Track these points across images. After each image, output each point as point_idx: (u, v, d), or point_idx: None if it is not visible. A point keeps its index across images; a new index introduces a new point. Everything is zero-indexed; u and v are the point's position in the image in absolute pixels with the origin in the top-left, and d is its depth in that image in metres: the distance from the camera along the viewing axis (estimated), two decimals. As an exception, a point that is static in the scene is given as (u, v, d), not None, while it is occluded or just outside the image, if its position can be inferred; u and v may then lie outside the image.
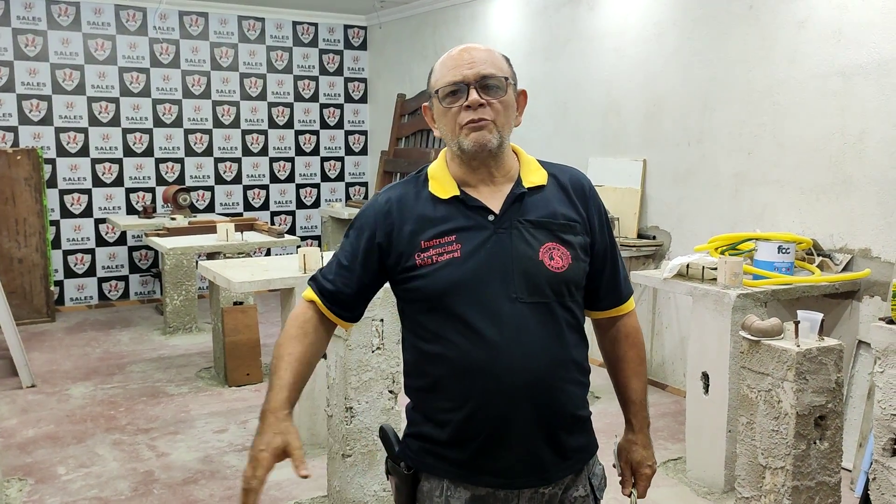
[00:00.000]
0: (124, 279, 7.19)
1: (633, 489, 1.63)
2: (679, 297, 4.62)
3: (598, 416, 1.83)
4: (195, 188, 7.38)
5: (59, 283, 6.89)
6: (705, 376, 3.41)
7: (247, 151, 7.61)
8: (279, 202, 7.86)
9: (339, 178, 8.18)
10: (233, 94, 7.46)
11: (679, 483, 3.51)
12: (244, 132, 7.57)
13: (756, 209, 4.16)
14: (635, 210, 4.89)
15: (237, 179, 7.60)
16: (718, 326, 3.32)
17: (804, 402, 2.57)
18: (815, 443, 2.62)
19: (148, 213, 6.68)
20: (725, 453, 3.33)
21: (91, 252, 7.02)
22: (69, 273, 6.95)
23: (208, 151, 7.42)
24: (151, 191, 7.20)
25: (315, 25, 7.83)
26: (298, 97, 7.81)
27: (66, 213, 6.87)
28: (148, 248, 7.17)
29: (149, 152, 7.14)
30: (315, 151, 7.99)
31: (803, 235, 3.84)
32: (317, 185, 8.05)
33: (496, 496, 1.44)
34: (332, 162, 8.11)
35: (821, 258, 3.73)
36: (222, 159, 7.50)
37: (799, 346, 2.58)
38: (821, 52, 3.78)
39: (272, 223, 7.75)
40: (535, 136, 5.78)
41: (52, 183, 6.77)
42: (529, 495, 1.45)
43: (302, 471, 1.33)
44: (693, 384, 3.49)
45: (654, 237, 4.82)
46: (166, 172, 7.24)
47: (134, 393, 4.71)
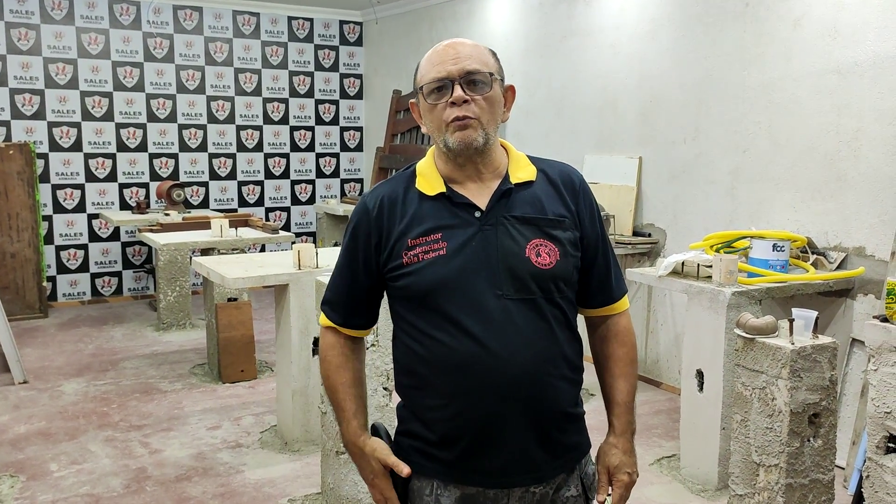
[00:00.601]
0: (117, 275, 7.17)
1: (608, 496, 1.52)
2: (674, 294, 4.62)
3: (590, 413, 1.82)
4: (189, 184, 7.35)
5: (52, 279, 6.86)
6: (700, 374, 3.41)
7: (241, 147, 7.58)
8: (274, 198, 7.84)
9: (335, 174, 8.16)
10: (227, 90, 7.43)
11: (673, 480, 3.51)
12: (239, 128, 7.54)
13: (751, 207, 4.16)
14: (631, 207, 4.89)
15: (232, 175, 7.58)
16: (713, 324, 3.32)
17: (798, 399, 2.57)
18: (809, 440, 2.62)
19: (141, 208, 6.65)
20: (719, 451, 3.33)
21: (84, 247, 6.99)
22: (62, 269, 6.92)
23: (203, 147, 7.39)
24: (145, 186, 7.17)
25: (310, 21, 7.80)
26: (294, 93, 7.78)
27: (58, 208, 6.83)
28: (141, 243, 7.14)
29: (142, 147, 7.11)
30: (310, 147, 7.96)
31: (798, 233, 3.84)
32: (312, 182, 8.03)
33: (486, 495, 1.43)
34: (328, 158, 8.09)
35: (815, 256, 3.74)
36: (217, 155, 7.48)
37: (793, 343, 2.58)
38: (816, 49, 3.78)
39: (267, 219, 7.73)
40: (530, 133, 5.77)
41: (45, 178, 6.73)
42: (520, 494, 1.43)
43: (404, 470, 1.46)
44: (688, 382, 3.49)
45: (649, 235, 4.82)
46: (160, 168, 7.21)
47: (127, 389, 4.70)
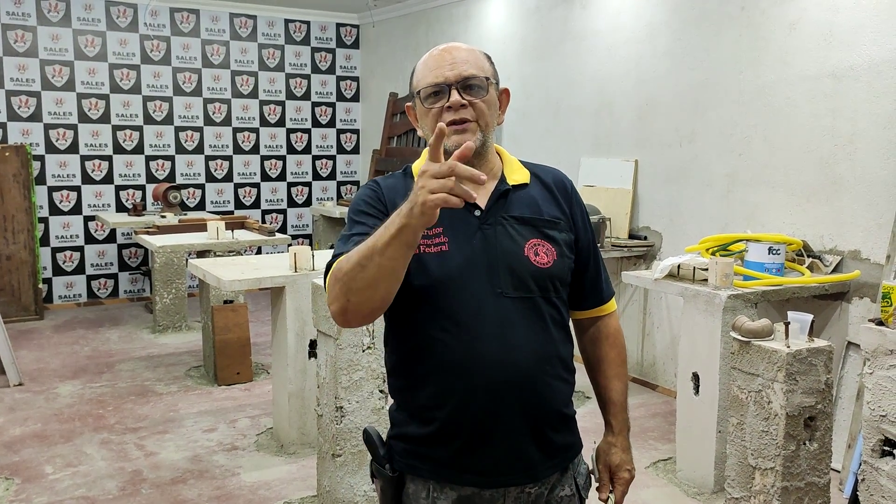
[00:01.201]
0: (113, 277, 7.15)
1: (611, 494, 1.59)
2: (670, 297, 4.63)
3: (587, 415, 1.82)
4: (186, 186, 7.34)
5: (48, 281, 6.84)
6: (696, 377, 3.42)
7: (238, 149, 7.58)
8: (270, 200, 7.83)
9: (331, 176, 8.15)
10: (224, 92, 7.43)
11: (669, 483, 3.51)
12: (235, 130, 7.54)
13: (747, 210, 4.17)
14: (627, 210, 4.90)
15: (228, 177, 7.57)
16: (709, 327, 3.33)
17: (794, 402, 2.57)
18: (805, 444, 2.63)
19: (138, 210, 6.64)
20: (715, 454, 3.34)
21: (80, 249, 6.98)
22: (58, 270, 6.90)
23: (199, 149, 7.38)
24: (141, 188, 7.16)
25: (307, 23, 7.80)
26: (290, 95, 7.78)
27: (54, 210, 6.82)
28: (137, 245, 7.13)
29: (139, 149, 7.10)
30: (307, 150, 7.96)
31: (794, 237, 3.85)
32: (308, 184, 8.03)
33: (482, 496, 1.43)
34: (324, 160, 8.09)
35: (811, 259, 3.75)
36: (213, 157, 7.47)
37: (789, 347, 2.58)
38: (812, 53, 3.79)
39: (263, 221, 7.73)
40: (527, 136, 5.78)
41: (41, 180, 6.72)
42: (515, 495, 1.44)
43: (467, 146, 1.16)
44: (683, 385, 3.50)
45: (645, 237, 4.83)
46: (157, 170, 7.20)
47: (122, 392, 4.68)
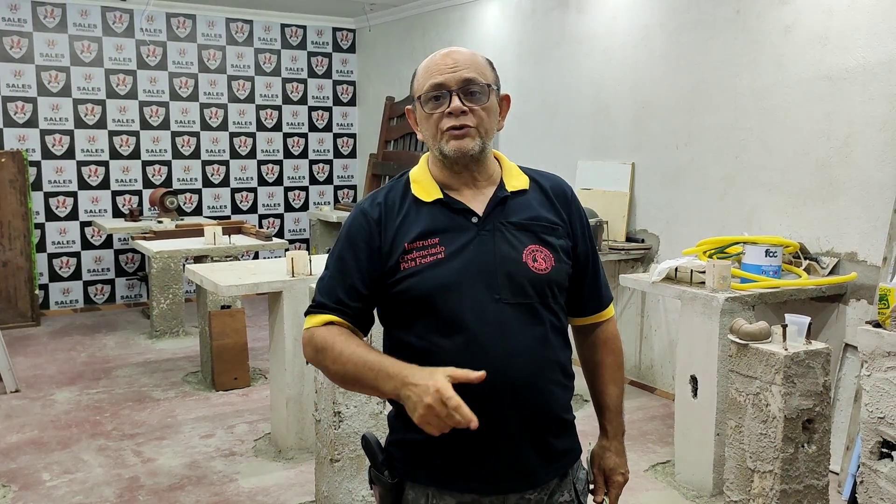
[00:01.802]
0: (110, 283, 7.14)
1: (606, 496, 1.61)
2: (667, 300, 4.63)
3: (586, 419, 1.82)
4: (182, 191, 7.33)
5: (44, 287, 6.82)
6: (694, 380, 3.42)
7: (235, 154, 7.57)
8: (267, 205, 7.83)
9: (328, 181, 8.15)
10: (220, 97, 7.42)
11: (668, 487, 3.51)
12: (232, 135, 7.53)
13: (744, 213, 4.18)
14: (624, 213, 4.90)
15: (225, 182, 7.56)
16: (707, 330, 3.33)
17: (792, 405, 2.58)
18: (803, 446, 2.63)
19: (134, 216, 6.63)
20: (714, 457, 3.33)
21: (77, 255, 6.96)
22: (54, 276, 6.88)
23: (196, 154, 7.37)
24: (138, 194, 7.14)
25: (303, 28, 7.80)
26: (287, 100, 7.78)
27: (51, 216, 6.81)
28: (134, 251, 7.12)
29: (135, 155, 7.09)
30: (303, 154, 7.96)
31: (790, 239, 3.86)
32: (305, 189, 8.02)
33: (482, 503, 1.42)
34: (321, 165, 8.08)
35: (808, 262, 3.75)
36: (210, 162, 7.46)
37: (786, 349, 2.59)
38: (807, 56, 3.80)
39: (260, 226, 7.72)
40: (524, 139, 5.78)
41: (38, 185, 6.70)
42: (515, 501, 1.43)
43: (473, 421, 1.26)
44: (682, 387, 3.50)
45: (642, 240, 4.83)
46: (153, 175, 7.20)
47: (119, 398, 4.67)
